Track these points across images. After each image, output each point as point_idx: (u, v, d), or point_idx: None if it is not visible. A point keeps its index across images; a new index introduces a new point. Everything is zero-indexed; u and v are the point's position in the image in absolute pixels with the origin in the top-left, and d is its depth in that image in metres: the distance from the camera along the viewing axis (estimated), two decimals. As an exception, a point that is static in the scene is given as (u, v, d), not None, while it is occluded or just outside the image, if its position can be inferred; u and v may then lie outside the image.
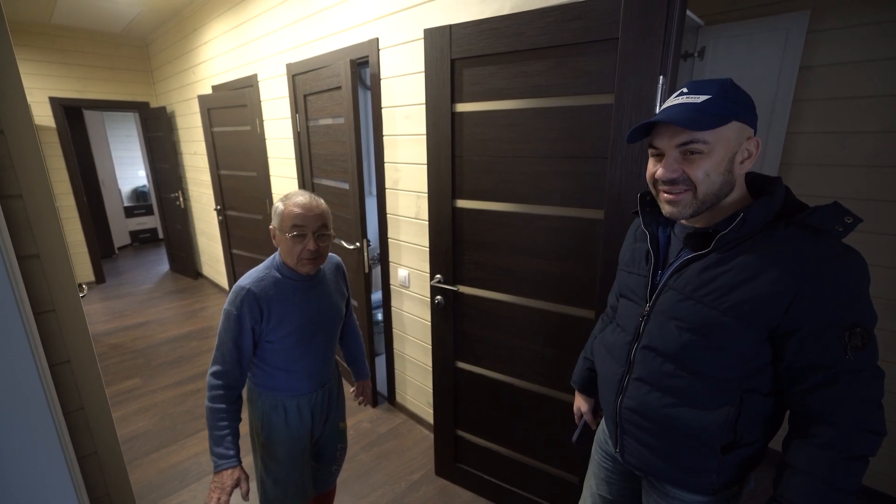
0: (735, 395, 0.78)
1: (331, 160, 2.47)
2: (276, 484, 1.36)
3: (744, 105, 0.74)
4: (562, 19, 1.29)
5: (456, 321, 1.79)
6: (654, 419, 0.86)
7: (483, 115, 1.53)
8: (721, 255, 0.77)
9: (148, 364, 3.17)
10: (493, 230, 1.60)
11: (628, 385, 0.91)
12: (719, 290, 0.76)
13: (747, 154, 0.76)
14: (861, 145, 1.71)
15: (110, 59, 4.69)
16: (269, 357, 1.25)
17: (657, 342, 0.85)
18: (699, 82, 0.77)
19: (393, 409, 2.61)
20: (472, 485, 1.96)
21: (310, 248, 1.17)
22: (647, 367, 0.87)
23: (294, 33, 2.64)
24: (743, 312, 0.73)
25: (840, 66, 1.71)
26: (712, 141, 0.73)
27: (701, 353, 0.79)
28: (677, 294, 0.82)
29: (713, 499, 0.87)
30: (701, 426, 0.80)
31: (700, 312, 0.78)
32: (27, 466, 0.57)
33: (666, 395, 0.84)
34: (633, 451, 0.93)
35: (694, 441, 0.82)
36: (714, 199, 0.77)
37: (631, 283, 0.95)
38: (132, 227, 6.84)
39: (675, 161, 0.77)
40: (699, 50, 1.96)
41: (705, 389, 0.80)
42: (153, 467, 2.16)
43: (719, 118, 0.72)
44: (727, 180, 0.76)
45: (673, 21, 1.14)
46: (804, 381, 0.73)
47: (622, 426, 0.94)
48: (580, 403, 1.24)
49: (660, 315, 0.85)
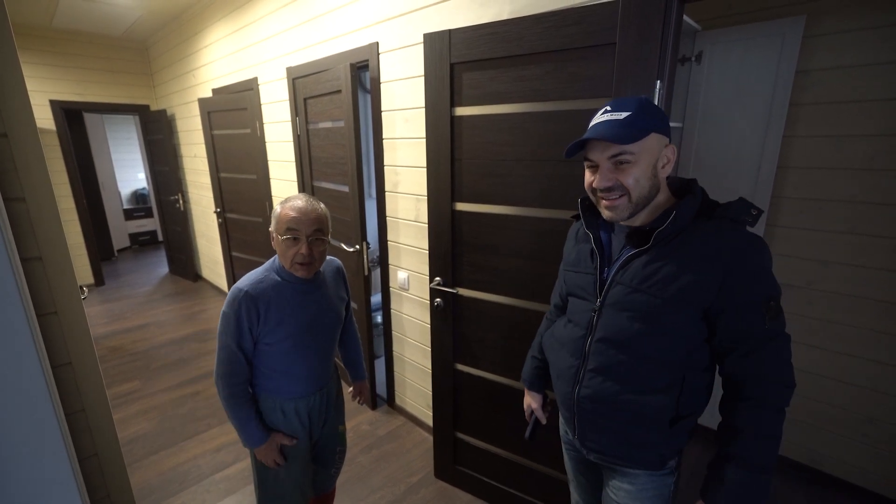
0: (679, 374, 0.89)
1: (331, 163, 2.48)
2: (276, 486, 1.36)
3: (659, 118, 0.86)
4: (560, 24, 1.30)
5: (455, 323, 1.80)
6: (609, 405, 0.95)
7: (482, 119, 1.54)
8: (660, 250, 0.87)
9: (147, 366, 3.17)
10: (493, 233, 1.61)
11: (584, 376, 0.98)
12: (663, 280, 0.86)
13: (666, 160, 0.87)
14: (856, 149, 1.73)
15: (111, 63, 4.71)
16: (267, 360, 1.26)
17: (610, 333, 0.93)
18: (620, 100, 0.88)
19: (392, 412, 2.61)
20: (472, 487, 1.96)
21: (302, 252, 1.17)
22: (602, 357, 0.95)
23: (294, 37, 2.66)
24: (684, 298, 0.84)
25: (836, 71, 1.72)
26: (637, 151, 0.84)
27: (650, 339, 0.89)
28: (625, 287, 0.91)
29: (661, 473, 0.98)
30: (651, 406, 0.90)
31: (648, 302, 0.87)
32: (31, 468, 0.57)
33: (618, 383, 0.93)
34: (591, 437, 1.01)
35: (645, 420, 0.92)
36: (645, 201, 0.88)
37: (579, 281, 1.03)
38: (132, 229, 6.84)
39: (609, 171, 0.87)
40: (696, 54, 1.97)
41: (654, 372, 0.90)
42: (153, 470, 2.15)
43: (642, 131, 0.83)
44: (654, 184, 0.87)
45: (670, 26, 1.15)
46: (735, 350, 0.85)
47: (580, 415, 1.01)
48: (530, 400, 1.31)
49: (611, 308, 0.93)
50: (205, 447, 2.30)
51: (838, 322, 1.85)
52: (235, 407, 1.22)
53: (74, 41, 4.43)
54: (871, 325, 1.79)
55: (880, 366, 1.79)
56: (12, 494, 0.57)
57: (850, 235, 1.79)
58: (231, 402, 1.22)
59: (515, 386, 1.71)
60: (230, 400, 1.22)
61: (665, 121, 0.87)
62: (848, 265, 1.80)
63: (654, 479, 0.98)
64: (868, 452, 1.88)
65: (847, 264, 1.80)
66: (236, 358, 1.19)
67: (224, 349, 1.19)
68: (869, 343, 1.80)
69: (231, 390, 1.21)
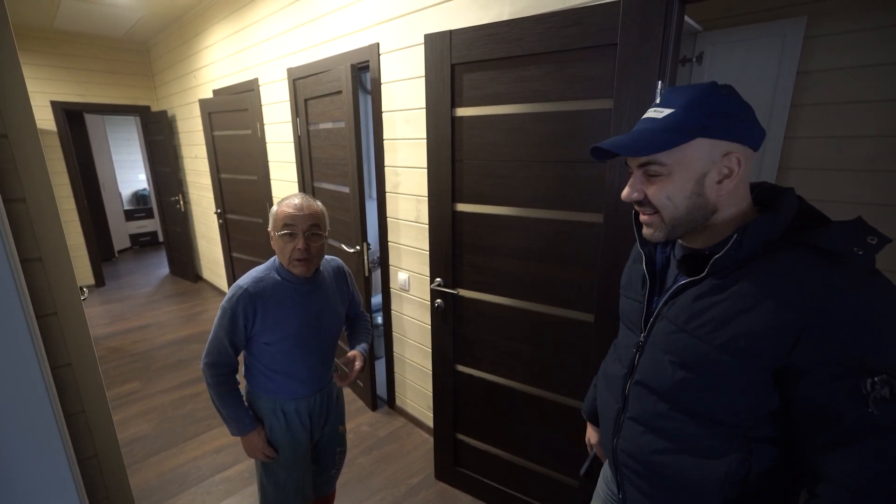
0: (742, 444, 0.67)
1: (331, 164, 2.48)
2: (277, 487, 1.36)
3: (719, 116, 0.64)
4: (561, 25, 1.30)
5: (456, 324, 1.80)
6: (648, 464, 0.76)
7: (483, 120, 1.54)
8: (716, 282, 0.67)
9: (147, 368, 3.17)
10: (493, 234, 1.61)
11: (623, 424, 0.82)
12: (713, 321, 0.66)
13: (727, 171, 0.65)
14: (858, 150, 1.72)
15: (111, 64, 4.72)
16: (268, 360, 1.26)
17: (650, 378, 0.76)
18: (674, 90, 0.69)
19: (392, 413, 2.61)
20: (472, 489, 1.96)
21: (299, 247, 1.18)
22: (640, 405, 0.78)
23: (295, 38, 2.66)
24: (739, 349, 0.63)
25: (837, 72, 1.72)
26: (669, 162, 0.66)
27: (697, 393, 0.69)
28: (670, 324, 0.72)
29: None
30: (700, 476, 0.69)
31: (693, 347, 0.68)
32: (30, 469, 0.57)
33: (660, 439, 0.74)
34: (633, 499, 0.83)
35: (692, 493, 0.71)
36: (687, 223, 0.69)
37: (627, 308, 0.87)
38: (132, 230, 6.84)
39: (639, 181, 0.71)
40: (697, 55, 1.97)
41: (704, 434, 0.69)
42: (152, 471, 2.15)
43: (675, 136, 0.65)
44: (698, 203, 0.67)
45: (671, 26, 1.15)
46: (815, 437, 0.60)
47: (620, 470, 0.84)
48: (591, 434, 1.14)
49: (653, 347, 0.76)
50: (205, 448, 2.30)
51: None
52: (224, 394, 1.23)
53: (75, 42, 4.44)
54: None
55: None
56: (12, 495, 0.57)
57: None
58: (219, 390, 1.23)
59: (516, 387, 1.70)
60: (218, 388, 1.22)
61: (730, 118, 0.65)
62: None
63: None
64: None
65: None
66: (226, 350, 1.21)
67: (215, 340, 1.22)
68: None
69: (218, 378, 1.22)
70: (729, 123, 0.65)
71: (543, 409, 1.65)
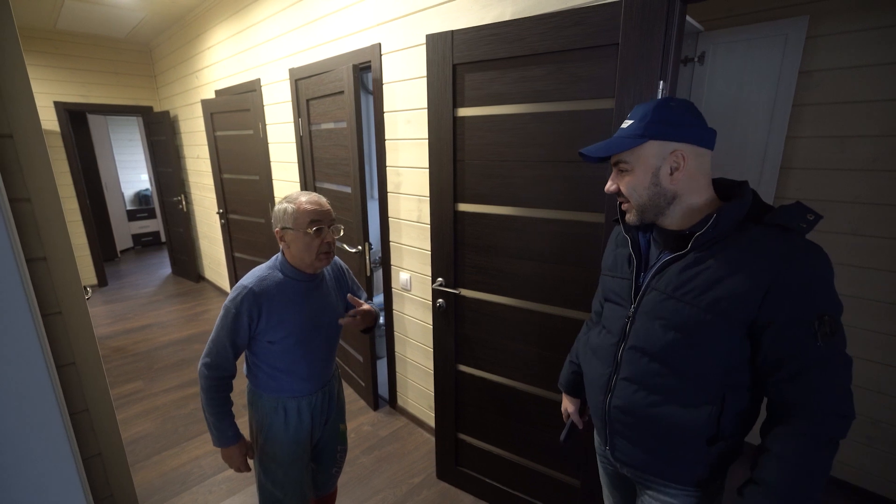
0: (718, 392, 0.83)
1: (333, 164, 2.49)
2: (276, 486, 1.36)
3: (664, 123, 0.81)
4: (562, 25, 1.30)
5: (457, 324, 1.80)
6: (641, 417, 0.90)
7: (484, 120, 1.54)
8: (698, 255, 0.82)
9: (150, 367, 3.18)
10: (495, 234, 1.61)
11: (616, 385, 0.95)
12: (698, 288, 0.80)
13: (676, 165, 0.82)
14: (860, 150, 1.72)
15: (114, 65, 4.73)
16: (270, 358, 1.26)
17: (643, 342, 0.89)
18: (637, 107, 0.87)
19: (394, 413, 2.61)
20: (474, 488, 1.96)
21: (328, 240, 1.22)
22: (634, 366, 0.91)
23: (297, 39, 2.67)
24: (721, 308, 0.78)
25: (839, 71, 1.72)
26: (632, 160, 0.85)
27: (685, 351, 0.83)
28: (660, 294, 0.86)
29: (700, 492, 0.91)
30: (686, 422, 0.85)
31: (682, 311, 0.82)
32: (36, 467, 0.57)
33: (652, 394, 0.88)
34: (622, 449, 0.97)
35: (680, 436, 0.86)
36: (652, 208, 0.86)
37: (615, 286, 0.99)
38: (134, 230, 6.86)
39: (615, 176, 0.89)
40: (699, 55, 1.97)
41: (690, 387, 0.84)
42: (155, 470, 2.16)
43: (632, 140, 0.83)
44: (657, 192, 0.84)
45: (673, 26, 1.15)
46: (780, 371, 0.77)
47: (611, 425, 0.97)
48: (567, 404, 1.29)
49: (644, 316, 0.89)
50: (207, 448, 2.30)
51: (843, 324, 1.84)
52: (214, 400, 1.21)
53: (78, 43, 4.46)
54: (876, 328, 1.78)
55: (885, 368, 1.78)
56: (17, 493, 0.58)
57: (853, 237, 1.78)
58: (210, 395, 1.21)
59: (518, 387, 1.71)
60: (210, 392, 1.21)
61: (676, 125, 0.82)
62: (851, 267, 1.79)
63: (692, 499, 0.91)
64: (871, 454, 1.87)
65: (850, 266, 1.80)
66: (225, 353, 1.20)
67: (217, 340, 1.20)
68: (873, 345, 1.79)
69: (212, 383, 1.21)
70: (673, 129, 0.82)
71: (545, 409, 1.65)
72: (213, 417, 1.23)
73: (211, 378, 1.21)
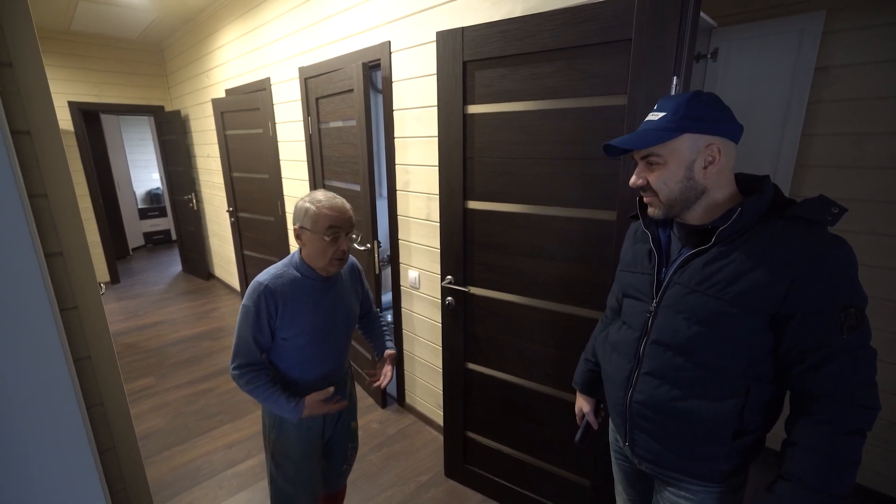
0: (741, 385, 0.83)
1: (342, 162, 2.49)
2: (287, 482, 1.37)
3: (699, 118, 0.81)
4: (573, 21, 1.29)
5: (466, 322, 1.80)
6: (663, 411, 0.90)
7: (494, 117, 1.53)
8: (722, 249, 0.82)
9: (161, 364, 3.21)
10: (504, 231, 1.60)
11: (637, 380, 0.94)
12: (723, 281, 0.80)
13: (711, 159, 0.81)
14: (878, 147, 1.69)
15: (126, 65, 4.80)
16: (284, 355, 1.27)
17: (666, 336, 0.88)
18: (665, 100, 0.86)
19: (402, 411, 2.62)
20: (482, 487, 1.95)
21: (343, 248, 1.22)
22: (657, 361, 0.90)
23: (306, 37, 2.68)
24: (746, 301, 0.78)
25: (857, 67, 1.69)
26: (664, 154, 0.83)
27: (709, 344, 0.83)
28: (683, 288, 0.86)
29: (722, 487, 0.90)
30: (710, 416, 0.84)
31: (706, 304, 0.82)
32: (56, 459, 0.58)
33: (675, 388, 0.88)
34: (643, 444, 0.96)
35: (703, 430, 0.86)
36: (681, 203, 0.85)
37: (635, 282, 0.98)
38: (146, 228, 6.95)
39: (642, 170, 0.88)
40: (712, 51, 1.95)
41: (714, 380, 0.84)
42: (166, 465, 2.18)
43: (666, 133, 0.82)
44: (689, 186, 0.83)
45: (686, 22, 1.14)
46: (804, 362, 0.77)
47: (632, 420, 0.96)
48: (582, 404, 1.26)
49: (667, 310, 0.89)
50: (217, 444, 2.33)
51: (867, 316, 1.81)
52: (258, 390, 1.23)
53: (92, 44, 4.52)
54: (893, 328, 1.75)
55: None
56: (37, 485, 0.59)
57: (869, 235, 1.75)
58: (255, 392, 1.23)
59: (527, 385, 1.70)
60: (251, 387, 1.23)
61: (708, 120, 0.81)
62: (868, 266, 1.76)
63: (714, 495, 0.90)
64: (889, 458, 1.84)
65: (867, 266, 1.76)
66: (252, 349, 1.22)
67: (241, 340, 1.21)
68: (890, 347, 1.76)
69: (249, 378, 1.22)
70: (708, 122, 0.81)
71: (555, 408, 1.64)
72: (272, 405, 1.24)
73: (246, 375, 1.22)
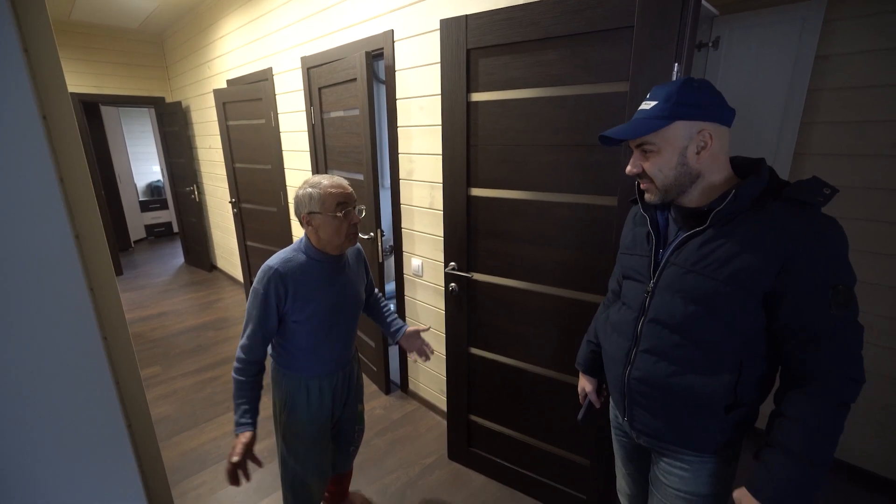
0: (735, 361, 0.86)
1: (345, 152, 2.51)
2: (298, 462, 1.40)
3: (690, 105, 0.82)
4: (577, 8, 1.31)
5: (469, 308, 1.83)
6: (661, 387, 0.93)
7: (498, 105, 1.55)
8: (717, 231, 0.85)
9: (167, 353, 3.25)
10: (507, 218, 1.63)
11: (636, 358, 0.98)
12: (717, 261, 0.83)
13: (703, 144, 0.83)
14: (879, 135, 1.71)
15: (127, 56, 4.78)
16: (294, 338, 1.30)
17: (663, 315, 0.92)
18: (658, 88, 0.87)
19: (406, 397, 2.66)
20: (485, 468, 2.00)
21: (355, 221, 1.26)
22: (654, 339, 0.94)
23: (308, 27, 2.68)
24: (740, 280, 0.81)
25: (858, 55, 1.70)
26: (658, 142, 0.85)
27: (704, 322, 0.86)
28: (679, 269, 0.89)
29: (716, 459, 0.95)
30: (705, 390, 0.88)
31: (702, 284, 0.85)
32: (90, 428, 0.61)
33: (672, 364, 0.91)
34: (641, 419, 1.00)
35: (698, 404, 0.90)
36: (676, 187, 0.87)
37: (634, 263, 1.01)
38: (147, 221, 6.97)
39: (637, 158, 0.90)
40: (713, 40, 1.96)
41: (709, 356, 0.87)
42: (175, 450, 2.23)
43: (658, 121, 0.83)
44: (683, 171, 0.86)
45: (688, 10, 1.15)
46: (796, 338, 0.81)
47: (630, 396, 1.00)
48: (584, 384, 1.30)
49: (664, 290, 0.92)
50: (224, 429, 2.37)
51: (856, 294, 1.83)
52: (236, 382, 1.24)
53: (92, 34, 4.51)
54: (890, 314, 1.78)
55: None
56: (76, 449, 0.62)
57: (868, 223, 1.77)
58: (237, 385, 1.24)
59: (529, 369, 1.73)
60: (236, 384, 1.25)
61: (702, 105, 0.83)
62: (866, 253, 1.79)
63: (710, 467, 0.94)
64: (882, 440, 1.88)
65: (865, 252, 1.79)
66: (258, 334, 1.24)
67: (250, 322, 1.24)
68: (887, 332, 1.79)
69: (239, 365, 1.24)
70: (699, 108, 0.83)
71: (556, 391, 1.68)
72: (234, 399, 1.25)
73: (242, 360, 1.24)
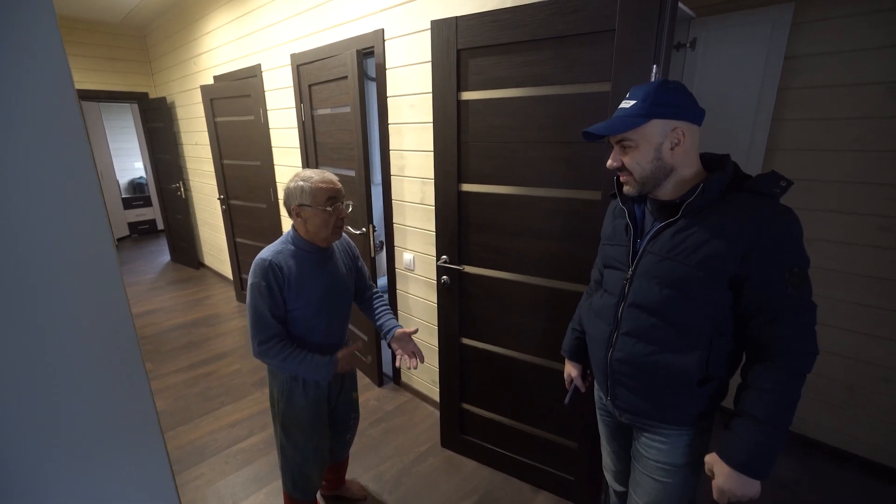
0: (706, 339, 0.95)
1: (336, 148, 2.55)
2: (296, 450, 1.45)
3: (666, 104, 0.90)
4: (561, 11, 1.37)
5: (461, 299, 1.89)
6: (640, 366, 1.02)
7: (487, 103, 1.61)
8: (688, 221, 0.93)
9: (158, 350, 3.25)
10: (497, 212, 1.70)
11: (617, 340, 1.06)
12: (688, 249, 0.92)
13: (676, 141, 0.92)
14: (844, 131, 1.81)
15: (108, 50, 4.70)
16: (289, 326, 1.35)
17: (641, 299, 1.00)
18: (636, 88, 0.95)
19: (399, 389, 2.72)
20: (477, 454, 2.08)
21: (343, 215, 1.32)
22: (634, 322, 1.02)
23: (298, 24, 2.70)
24: (709, 266, 0.90)
25: (823, 56, 1.80)
26: (636, 138, 0.93)
27: (678, 305, 0.95)
28: (655, 256, 0.97)
29: (692, 430, 1.04)
30: (680, 367, 0.97)
31: (675, 269, 0.94)
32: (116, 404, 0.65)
33: (650, 344, 1.00)
34: (622, 397, 1.09)
35: (674, 380, 0.99)
36: (653, 180, 0.95)
37: (614, 253, 1.10)
38: (131, 218, 6.86)
39: (617, 153, 0.98)
40: (691, 41, 2.05)
41: (683, 337, 0.96)
42: (171, 444, 2.25)
43: (637, 119, 0.91)
44: (659, 166, 0.94)
45: (666, 13, 1.23)
46: (759, 316, 0.90)
47: (613, 377, 1.09)
48: (570, 370, 1.38)
49: (642, 276, 1.00)
50: (220, 423, 2.40)
51: (826, 296, 1.93)
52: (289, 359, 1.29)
53: (72, 28, 4.41)
54: (856, 299, 1.90)
55: (864, 337, 1.91)
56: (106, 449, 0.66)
57: (836, 214, 1.88)
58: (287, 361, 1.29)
59: (519, 357, 1.81)
60: (280, 358, 1.29)
61: (676, 105, 0.91)
62: (835, 242, 1.90)
63: (685, 438, 1.03)
64: (847, 417, 2.01)
65: (834, 241, 1.90)
66: (272, 323, 1.28)
67: (258, 316, 1.27)
68: (852, 316, 1.91)
69: (278, 349, 1.29)
70: (674, 108, 0.91)
71: (545, 377, 1.76)
72: (306, 368, 1.31)
73: (273, 346, 1.28)
